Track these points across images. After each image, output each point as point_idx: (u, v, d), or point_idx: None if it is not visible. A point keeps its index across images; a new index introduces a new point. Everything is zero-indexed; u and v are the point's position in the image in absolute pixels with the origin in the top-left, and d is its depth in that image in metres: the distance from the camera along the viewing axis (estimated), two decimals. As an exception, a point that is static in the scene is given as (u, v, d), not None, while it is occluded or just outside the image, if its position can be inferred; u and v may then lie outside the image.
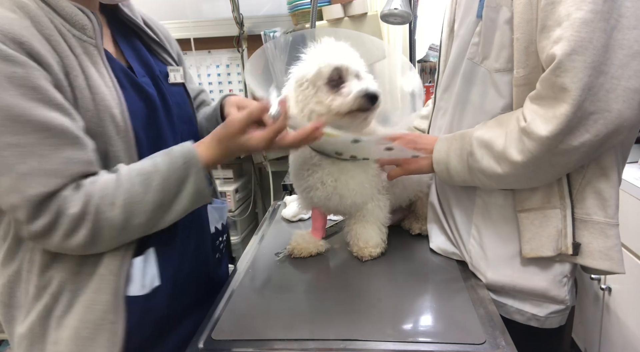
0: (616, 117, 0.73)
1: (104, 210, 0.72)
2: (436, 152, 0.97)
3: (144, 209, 0.75)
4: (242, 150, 0.82)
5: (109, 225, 0.73)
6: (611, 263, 0.84)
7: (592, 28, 0.71)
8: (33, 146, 0.67)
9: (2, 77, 0.64)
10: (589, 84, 0.71)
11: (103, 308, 0.77)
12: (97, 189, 0.72)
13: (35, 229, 0.70)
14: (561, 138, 0.75)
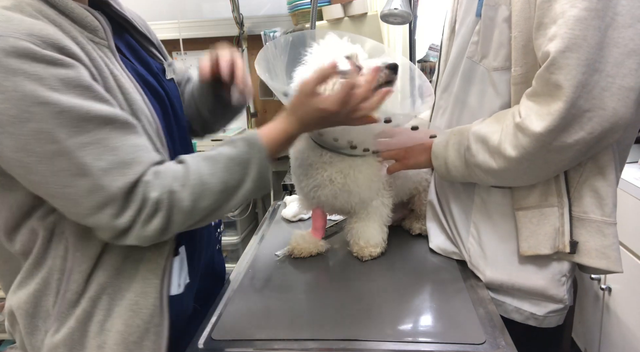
0: (611, 115, 0.73)
1: (176, 192, 0.70)
2: (435, 147, 0.98)
3: (211, 191, 0.73)
4: (317, 114, 0.79)
5: (179, 208, 0.71)
6: (608, 262, 0.84)
7: (586, 25, 0.71)
8: (104, 141, 0.66)
9: (57, 81, 0.62)
10: (583, 81, 0.72)
11: (149, 312, 0.76)
12: (170, 173, 0.71)
13: (122, 223, 0.68)
14: (555, 135, 0.76)
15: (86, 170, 0.64)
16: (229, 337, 0.81)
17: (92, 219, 0.67)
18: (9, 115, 0.60)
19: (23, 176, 0.66)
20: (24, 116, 0.60)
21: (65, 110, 0.62)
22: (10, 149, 0.62)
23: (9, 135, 0.61)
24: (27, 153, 0.62)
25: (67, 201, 0.66)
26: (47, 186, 0.65)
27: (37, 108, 0.60)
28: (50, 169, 0.63)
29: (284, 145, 0.82)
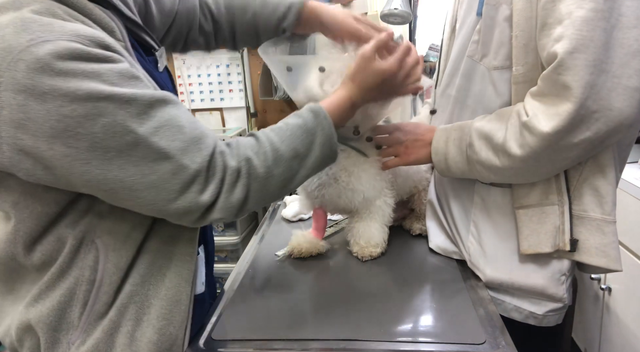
0: (617, 116, 0.73)
1: (252, 159, 0.71)
2: (435, 142, 0.98)
3: (283, 157, 0.74)
4: (377, 78, 0.83)
5: (256, 176, 0.72)
6: (607, 260, 0.84)
7: (593, 26, 0.71)
8: (170, 122, 0.66)
9: (114, 75, 0.62)
10: (591, 82, 0.72)
11: (181, 318, 0.75)
12: (243, 143, 0.73)
13: (207, 198, 0.68)
14: (562, 135, 0.76)
15: (165, 153, 0.64)
16: (229, 337, 0.81)
17: (177, 202, 0.66)
18: (78, 116, 0.59)
19: (98, 176, 0.62)
20: (94, 113, 0.59)
21: (131, 100, 0.62)
22: (83, 150, 0.60)
23: (81, 136, 0.60)
24: (104, 150, 0.61)
25: (149, 191, 0.65)
26: (126, 180, 0.63)
27: (105, 103, 0.60)
28: (130, 160, 0.63)
29: (347, 113, 0.85)
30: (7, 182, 0.67)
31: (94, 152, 0.61)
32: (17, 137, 0.59)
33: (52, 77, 0.57)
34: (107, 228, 0.71)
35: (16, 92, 0.57)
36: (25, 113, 0.57)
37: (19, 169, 0.61)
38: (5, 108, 0.57)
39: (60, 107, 0.58)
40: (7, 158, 0.61)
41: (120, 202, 0.67)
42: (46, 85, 0.57)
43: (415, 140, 1.02)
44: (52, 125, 0.58)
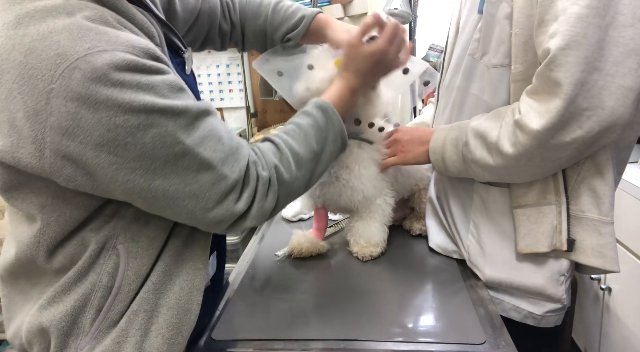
0: (609, 115, 0.73)
1: (278, 167, 0.75)
2: (433, 141, 0.98)
3: (303, 160, 0.78)
4: (369, 59, 0.85)
5: (282, 181, 0.75)
6: (604, 261, 0.84)
7: (587, 23, 0.71)
8: (212, 133, 0.68)
9: (165, 87, 0.63)
10: (582, 79, 0.72)
11: (189, 328, 0.74)
12: (266, 150, 0.76)
13: (242, 206, 0.70)
14: (552, 133, 0.76)
15: (208, 163, 0.66)
16: (229, 337, 0.81)
17: (215, 211, 0.69)
18: (130, 127, 0.59)
19: (141, 185, 0.63)
20: (146, 124, 0.60)
21: (181, 112, 0.63)
22: (130, 159, 0.61)
23: (130, 146, 0.60)
24: (151, 159, 0.62)
25: (189, 200, 0.66)
26: (169, 189, 0.65)
27: (157, 115, 0.61)
28: (175, 170, 0.64)
29: (349, 102, 0.88)
30: (36, 184, 0.66)
31: (140, 162, 0.61)
32: (62, 144, 0.59)
33: (107, 87, 0.57)
34: (130, 235, 0.70)
35: (68, 100, 0.57)
36: (75, 121, 0.57)
37: (60, 175, 0.61)
38: (54, 115, 0.57)
39: (114, 117, 0.58)
40: (49, 164, 0.60)
41: (159, 210, 0.68)
42: (101, 95, 0.57)
43: (414, 140, 1.03)
44: (101, 134, 0.58)
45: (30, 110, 0.57)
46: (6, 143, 0.60)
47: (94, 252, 0.69)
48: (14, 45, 0.58)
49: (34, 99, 0.57)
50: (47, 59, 0.56)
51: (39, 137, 0.58)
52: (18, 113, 0.58)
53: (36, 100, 0.57)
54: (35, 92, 0.57)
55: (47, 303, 0.70)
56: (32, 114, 0.57)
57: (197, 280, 0.75)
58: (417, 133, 1.04)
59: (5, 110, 0.59)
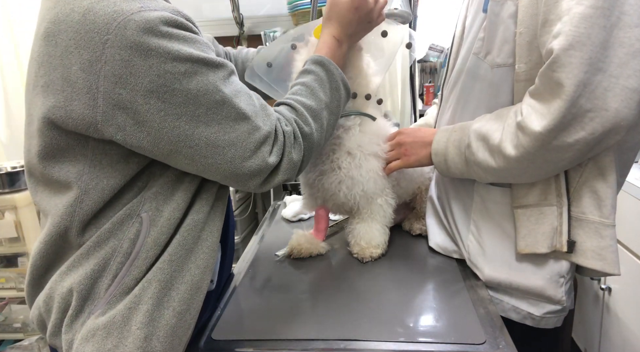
0: (613, 116, 0.72)
1: (298, 122, 0.81)
2: (435, 143, 0.98)
3: (317, 111, 0.84)
4: (351, 8, 0.90)
5: (304, 134, 0.81)
6: (604, 263, 0.83)
7: (591, 24, 0.71)
8: (243, 89, 0.75)
9: (203, 45, 0.70)
10: (585, 80, 0.71)
11: (198, 308, 0.75)
12: (284, 110, 0.82)
13: (274, 159, 0.76)
14: (555, 134, 0.75)
15: (244, 114, 0.72)
16: (229, 337, 0.81)
17: (251, 161, 0.73)
18: (177, 73, 0.65)
19: (186, 131, 0.68)
20: (191, 71, 0.66)
21: (219, 66, 0.71)
22: (177, 105, 0.66)
23: (177, 92, 0.66)
24: (195, 106, 0.68)
25: (229, 148, 0.71)
26: (211, 136, 0.70)
27: (200, 64, 0.67)
28: (215, 118, 0.70)
29: (338, 51, 0.92)
30: (75, 151, 0.70)
31: (185, 108, 0.67)
32: (115, 92, 0.64)
33: (158, 37, 0.64)
34: (155, 204, 0.73)
35: (122, 48, 0.62)
36: (127, 68, 0.63)
37: (111, 124, 0.65)
38: (108, 63, 0.63)
39: (163, 64, 0.64)
40: (101, 112, 0.65)
41: (202, 160, 0.71)
42: (153, 43, 0.63)
43: (416, 142, 1.02)
44: (151, 80, 0.64)
45: (85, 61, 0.63)
46: (59, 99, 0.65)
47: (119, 219, 0.72)
48: (73, 8, 0.64)
49: (90, 51, 0.62)
50: (104, 15, 0.62)
51: (93, 86, 0.63)
52: (73, 67, 0.64)
53: (92, 52, 0.62)
54: (91, 44, 0.62)
55: (68, 269, 0.73)
56: (87, 65, 0.63)
57: (211, 260, 0.77)
58: (419, 134, 1.03)
59: (60, 67, 0.65)
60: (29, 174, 0.77)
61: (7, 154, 2.24)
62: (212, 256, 0.77)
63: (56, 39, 0.65)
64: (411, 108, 2.21)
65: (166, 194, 0.74)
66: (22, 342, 2.12)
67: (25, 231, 1.99)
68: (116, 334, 0.69)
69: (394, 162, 1.06)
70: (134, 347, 0.68)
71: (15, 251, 2.05)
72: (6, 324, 2.22)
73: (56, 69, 0.65)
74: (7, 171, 1.98)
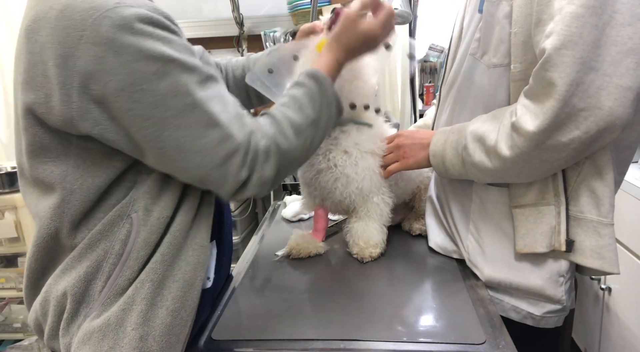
0: (607, 115, 0.72)
1: (277, 137, 0.76)
2: (433, 145, 0.98)
3: (301, 128, 0.79)
4: (361, 39, 0.88)
5: (283, 150, 0.77)
6: (603, 262, 0.83)
7: (583, 23, 0.71)
8: (220, 95, 0.72)
9: (180, 45, 0.68)
10: (578, 79, 0.71)
11: (194, 304, 0.75)
12: (265, 122, 0.78)
13: (244, 172, 0.72)
14: (549, 134, 0.75)
15: (217, 120, 0.69)
16: (229, 337, 0.81)
17: (220, 170, 0.71)
18: (147, 73, 0.64)
19: (154, 132, 0.67)
20: (162, 71, 0.65)
21: (194, 68, 0.68)
22: (146, 106, 0.65)
23: (146, 92, 0.65)
24: (165, 108, 0.66)
25: (197, 154, 0.69)
26: (180, 140, 0.68)
27: (172, 65, 0.66)
28: (186, 121, 0.68)
29: (335, 74, 0.89)
30: (57, 150, 0.70)
31: (155, 109, 0.66)
32: (87, 87, 0.64)
33: (132, 34, 0.63)
34: (144, 204, 0.73)
35: (96, 44, 0.62)
36: (100, 64, 0.63)
37: (87, 119, 0.66)
38: (82, 58, 0.63)
39: (134, 62, 0.63)
40: (76, 108, 0.65)
41: (169, 163, 0.70)
42: (126, 40, 0.63)
43: (415, 144, 1.02)
44: (122, 78, 0.64)
45: (60, 57, 0.63)
46: (39, 95, 0.66)
47: (110, 220, 0.72)
48: (52, 6, 0.64)
49: (66, 47, 0.63)
50: (81, 11, 0.63)
51: (68, 82, 0.64)
52: (50, 62, 0.64)
53: (68, 48, 0.63)
54: (67, 40, 0.63)
55: (62, 272, 0.73)
56: (62, 61, 0.63)
57: (202, 256, 0.77)
58: (418, 136, 1.03)
59: (39, 63, 0.65)
60: (20, 175, 0.78)
61: (7, 154, 2.24)
62: (204, 253, 0.77)
63: (36, 36, 0.65)
64: (411, 108, 2.21)
65: (155, 193, 0.74)
66: (22, 342, 2.12)
67: (25, 231, 2.00)
68: (112, 335, 0.69)
69: (393, 164, 1.06)
70: (130, 348, 0.68)
71: (15, 251, 2.06)
72: (6, 324, 2.22)
73: (36, 65, 0.66)
74: (7, 171, 1.98)
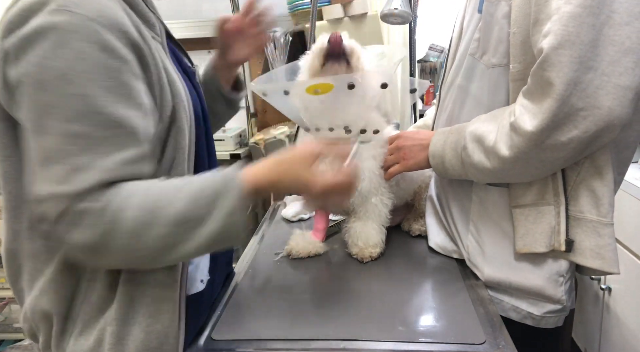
0: (606, 115, 0.72)
1: (124, 211, 0.63)
2: (432, 146, 0.98)
3: (166, 219, 0.64)
4: (298, 181, 0.72)
5: (121, 228, 0.63)
6: (602, 262, 0.83)
7: (580, 22, 0.71)
8: (98, 140, 0.63)
9: (96, 67, 0.62)
10: (575, 79, 0.71)
11: (169, 316, 0.74)
12: (128, 189, 0.65)
13: (59, 228, 0.63)
14: (547, 133, 0.75)
15: (64, 158, 0.62)
16: (229, 337, 0.82)
17: (38, 206, 0.63)
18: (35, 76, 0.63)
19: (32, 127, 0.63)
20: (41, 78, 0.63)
21: (85, 95, 0.62)
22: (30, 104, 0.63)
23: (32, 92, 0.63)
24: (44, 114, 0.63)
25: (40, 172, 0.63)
26: (38, 147, 0.63)
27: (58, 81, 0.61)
28: (51, 131, 0.62)
29: (260, 194, 0.72)
30: (9, 149, 0.71)
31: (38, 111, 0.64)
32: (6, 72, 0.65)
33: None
34: None
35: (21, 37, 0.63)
36: (18, 54, 0.63)
37: (13, 102, 0.66)
38: (7, 43, 0.63)
39: (33, 66, 0.62)
40: (1, 92, 0.67)
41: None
42: None
43: (414, 146, 1.02)
44: (26, 72, 0.63)
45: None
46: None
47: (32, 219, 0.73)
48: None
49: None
50: (28, 3, 0.63)
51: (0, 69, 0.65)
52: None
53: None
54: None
55: (41, 294, 0.74)
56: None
57: (172, 272, 0.75)
58: (417, 137, 1.03)
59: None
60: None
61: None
62: (171, 268, 0.75)
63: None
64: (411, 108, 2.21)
65: None
66: (22, 342, 2.12)
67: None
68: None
69: (394, 166, 1.05)
70: None
71: (15, 251, 2.05)
72: (6, 324, 2.22)
73: None
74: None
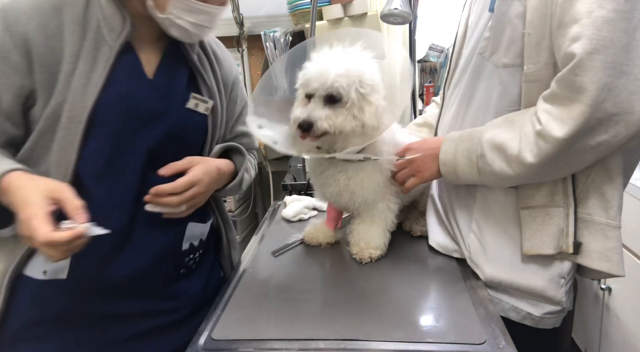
0: (638, 119, 0.71)
1: None
2: (443, 154, 0.96)
3: None
4: (20, 216, 0.71)
5: None
6: (610, 265, 0.83)
7: (614, 27, 0.70)
8: None
9: None
10: (609, 84, 0.70)
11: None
12: None
13: None
14: (577, 138, 0.75)
15: None
16: (229, 337, 0.81)
17: None
18: None
19: None
20: None
21: None
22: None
23: None
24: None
25: None
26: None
27: None
28: None
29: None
30: None
31: None
32: None
33: None
34: None
35: None
36: None
37: None
38: None
39: None
40: None
41: None
42: None
43: (426, 156, 0.99)
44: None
45: None
46: None
47: None
48: None
49: None
50: None
51: None
52: None
53: None
54: None
55: None
56: None
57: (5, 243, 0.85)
58: (427, 147, 1.00)
59: None
60: None
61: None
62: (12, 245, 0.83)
63: None
64: (411, 108, 2.21)
65: None
66: (22, 342, 2.11)
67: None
68: None
69: (410, 181, 1.03)
70: None
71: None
72: (6, 324, 2.21)
73: None
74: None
